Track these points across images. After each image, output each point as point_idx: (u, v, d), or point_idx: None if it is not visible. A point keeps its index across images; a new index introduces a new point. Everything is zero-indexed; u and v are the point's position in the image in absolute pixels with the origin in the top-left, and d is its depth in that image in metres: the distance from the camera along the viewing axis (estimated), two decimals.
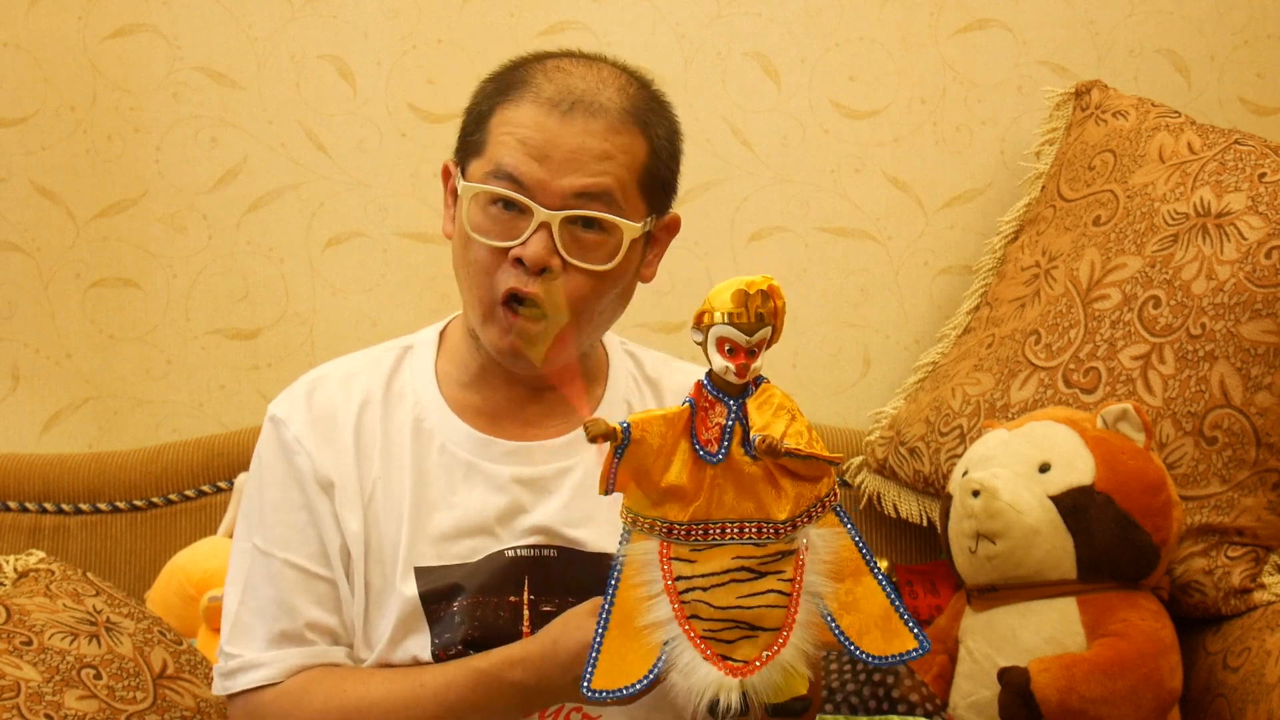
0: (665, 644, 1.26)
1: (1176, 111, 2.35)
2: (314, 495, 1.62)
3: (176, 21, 2.48)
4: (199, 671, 1.93)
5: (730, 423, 1.27)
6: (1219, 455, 2.06)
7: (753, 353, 1.26)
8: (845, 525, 1.27)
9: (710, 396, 1.28)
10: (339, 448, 1.63)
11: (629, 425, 1.25)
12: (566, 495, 1.62)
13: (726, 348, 1.25)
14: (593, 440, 1.24)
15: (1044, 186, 2.44)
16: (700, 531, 1.27)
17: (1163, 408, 2.08)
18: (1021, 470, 1.93)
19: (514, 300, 1.55)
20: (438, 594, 1.60)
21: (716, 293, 1.26)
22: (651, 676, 1.27)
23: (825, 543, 1.26)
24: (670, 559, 1.27)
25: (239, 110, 2.50)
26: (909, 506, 2.32)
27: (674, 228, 1.64)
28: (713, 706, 1.24)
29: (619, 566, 1.29)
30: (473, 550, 1.61)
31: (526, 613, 1.60)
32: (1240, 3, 2.57)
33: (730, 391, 1.27)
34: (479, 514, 1.62)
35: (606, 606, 1.29)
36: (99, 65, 2.48)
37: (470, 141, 1.59)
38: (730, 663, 1.24)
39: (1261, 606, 2.02)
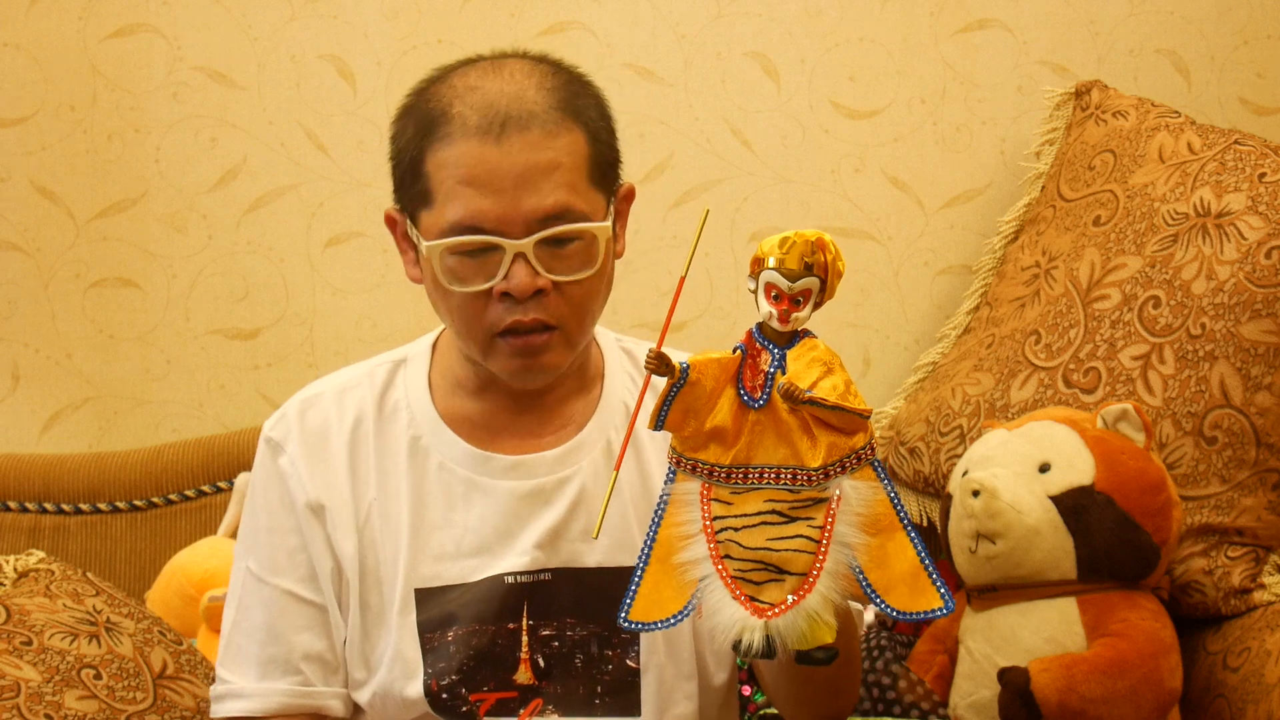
0: (700, 581, 1.28)
1: (1176, 111, 2.35)
2: (305, 520, 1.61)
3: (176, 21, 2.48)
4: (199, 671, 1.93)
5: (773, 370, 1.29)
6: (1219, 455, 2.06)
7: (797, 301, 1.28)
8: (882, 481, 1.28)
9: (757, 344, 1.31)
10: (332, 469, 1.62)
11: (688, 366, 1.28)
12: (566, 506, 1.61)
13: (773, 294, 1.28)
14: (650, 370, 1.27)
15: (1044, 186, 2.44)
16: (740, 474, 1.29)
17: (1163, 408, 2.08)
18: (1021, 470, 1.93)
19: (511, 331, 1.54)
20: (434, 622, 1.59)
21: (768, 240, 1.30)
22: (685, 612, 1.29)
23: (859, 495, 1.27)
24: (710, 500, 1.30)
25: (239, 110, 2.50)
26: (909, 506, 2.32)
27: (630, 197, 1.62)
28: (736, 645, 1.26)
29: (663, 504, 1.31)
30: (473, 569, 1.60)
31: (525, 638, 1.60)
32: (1240, 3, 2.57)
33: (776, 340, 1.30)
34: (478, 533, 1.60)
35: (648, 542, 1.31)
36: (99, 65, 2.48)
37: (413, 193, 1.55)
38: (757, 604, 1.27)
39: (1261, 606, 2.02)
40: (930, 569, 1.27)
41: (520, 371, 1.57)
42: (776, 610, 1.25)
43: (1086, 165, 2.36)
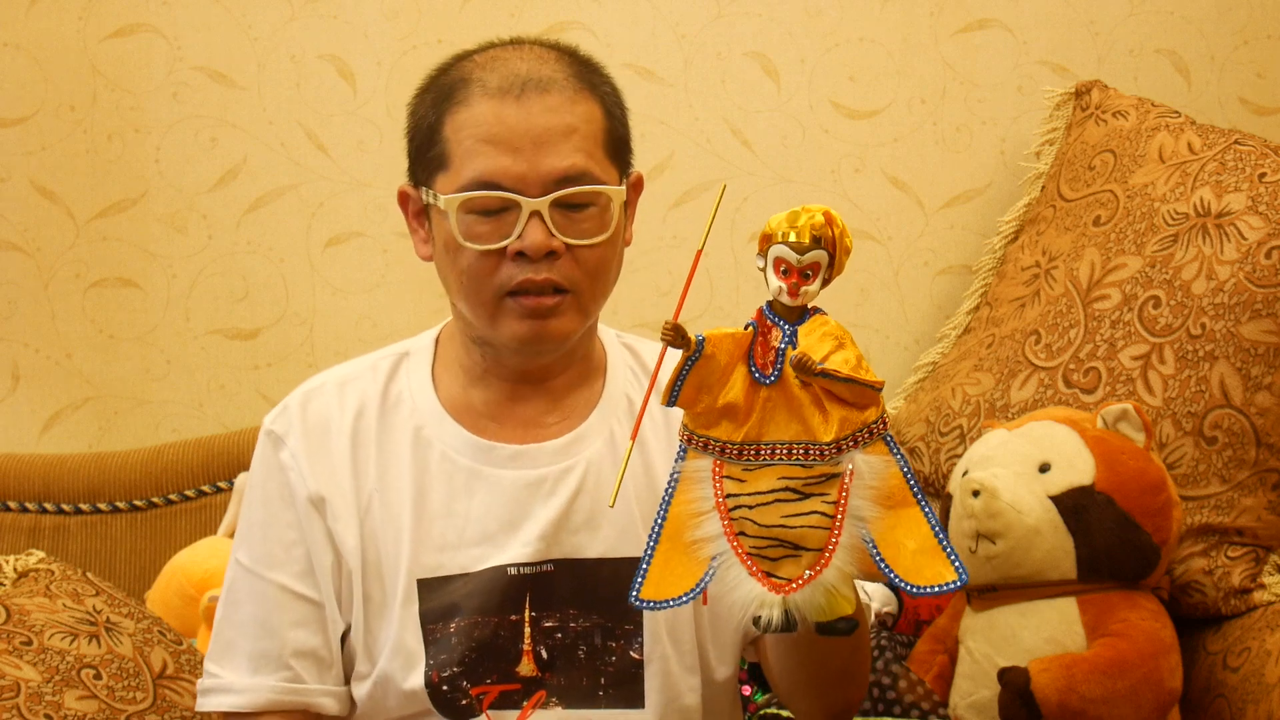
0: (713, 559, 1.28)
1: (1176, 111, 2.35)
2: (305, 514, 1.61)
3: (176, 21, 2.48)
4: (199, 671, 1.93)
5: (783, 346, 1.29)
6: (1219, 455, 2.06)
7: (806, 275, 1.28)
8: (895, 455, 1.28)
9: (768, 321, 1.31)
10: (334, 461, 1.62)
11: (703, 339, 1.28)
12: (568, 497, 1.61)
13: (782, 268, 1.28)
14: (666, 341, 1.26)
15: (1044, 186, 2.44)
16: (752, 451, 1.29)
17: (1163, 408, 2.08)
18: (1021, 470, 1.93)
19: (522, 289, 1.54)
20: (436, 613, 1.59)
21: (776, 216, 1.30)
22: (698, 589, 1.28)
23: (872, 469, 1.26)
24: (722, 477, 1.29)
25: (239, 110, 2.50)
26: None
27: (640, 186, 1.64)
28: (756, 620, 1.26)
29: (674, 481, 1.31)
30: (476, 559, 1.60)
31: (528, 630, 1.60)
32: (1240, 3, 2.57)
33: (786, 316, 1.30)
34: (481, 523, 1.60)
35: (659, 520, 1.30)
36: (99, 65, 2.48)
37: (429, 158, 1.56)
38: (774, 580, 1.26)
39: (1261, 606, 2.02)
40: (944, 542, 1.26)
41: (528, 337, 1.56)
42: (794, 585, 1.25)
43: (1086, 165, 2.36)
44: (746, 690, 2.02)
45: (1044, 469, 1.93)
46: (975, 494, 1.92)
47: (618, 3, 2.52)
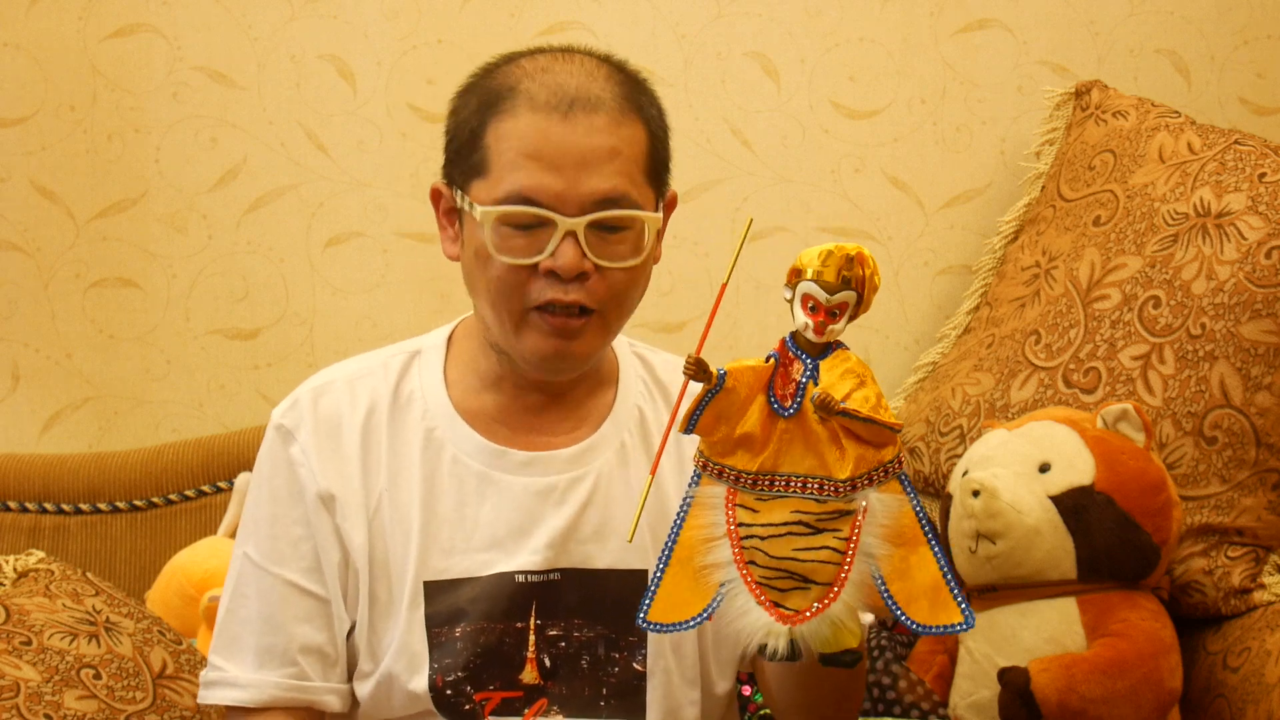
0: (722, 585, 1.29)
1: (1176, 111, 2.35)
2: (314, 510, 1.60)
3: (176, 21, 2.48)
4: (199, 671, 1.93)
5: (804, 380, 1.30)
6: (1219, 455, 2.06)
7: (834, 314, 1.29)
8: (908, 494, 1.29)
9: (790, 353, 1.31)
10: (344, 458, 1.61)
11: (725, 373, 1.29)
12: (577, 506, 1.61)
13: (809, 305, 1.29)
14: (688, 376, 1.27)
15: (1044, 186, 2.44)
16: (766, 482, 1.30)
17: (1163, 408, 2.08)
18: (1021, 470, 1.94)
19: (549, 306, 1.53)
20: (442, 616, 1.59)
21: (807, 252, 1.30)
22: (705, 614, 1.30)
23: (885, 508, 1.27)
24: (735, 505, 1.30)
25: (239, 110, 2.50)
26: None
27: (673, 204, 1.63)
28: (762, 649, 1.27)
29: (687, 506, 1.32)
30: (483, 564, 1.59)
31: (532, 637, 1.59)
32: (1240, 3, 2.57)
33: (809, 350, 1.31)
34: (490, 528, 1.60)
35: (670, 544, 1.31)
36: (99, 65, 2.48)
37: (469, 164, 1.55)
38: (782, 610, 1.27)
39: (1261, 606, 2.02)
40: (952, 584, 1.28)
41: (550, 356, 1.56)
42: (802, 616, 1.26)
43: (1086, 165, 2.36)
44: (746, 690, 2.02)
45: (1044, 469, 1.93)
46: (975, 494, 1.92)
47: (618, 3, 2.52)
